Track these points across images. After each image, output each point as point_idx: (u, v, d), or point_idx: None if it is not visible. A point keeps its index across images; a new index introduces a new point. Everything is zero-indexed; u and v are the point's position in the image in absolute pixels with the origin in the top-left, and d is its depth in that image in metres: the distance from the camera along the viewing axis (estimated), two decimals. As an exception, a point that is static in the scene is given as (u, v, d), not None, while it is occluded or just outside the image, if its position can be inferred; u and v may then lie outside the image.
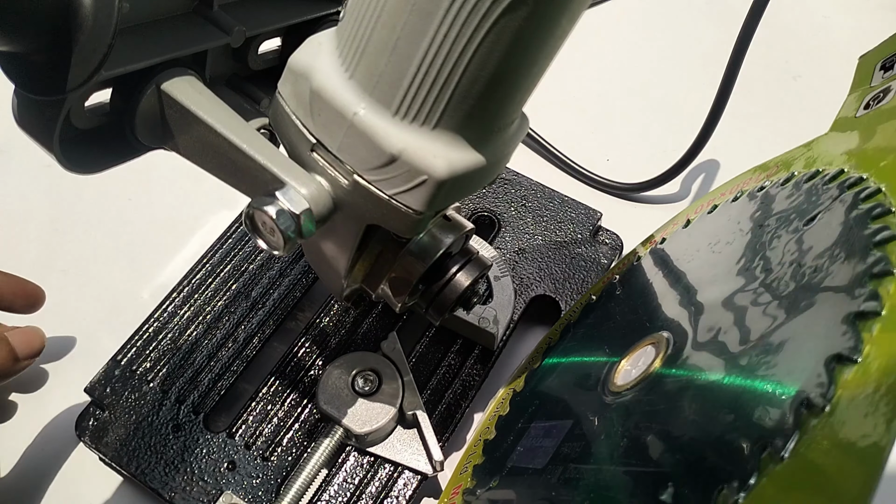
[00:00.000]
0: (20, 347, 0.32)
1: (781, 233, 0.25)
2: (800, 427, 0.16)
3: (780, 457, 0.16)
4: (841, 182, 0.25)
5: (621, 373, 0.27)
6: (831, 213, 0.23)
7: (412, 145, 0.21)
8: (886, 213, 0.21)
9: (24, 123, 0.23)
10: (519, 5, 0.19)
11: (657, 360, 0.25)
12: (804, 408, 0.17)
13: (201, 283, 0.41)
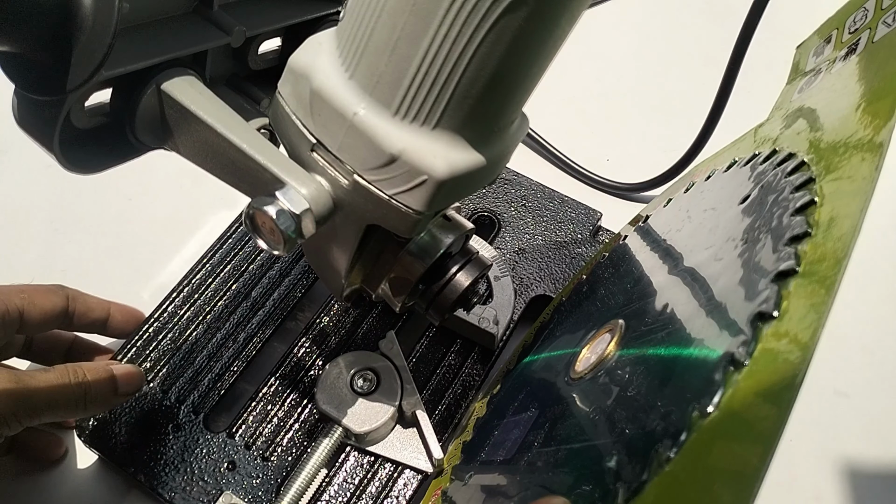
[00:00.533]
0: (122, 382, 0.32)
1: (721, 215, 0.27)
2: (725, 383, 0.17)
3: (706, 412, 0.17)
4: (772, 161, 0.26)
5: (582, 360, 0.28)
6: (761, 189, 0.25)
7: (412, 145, 0.21)
8: (809, 182, 0.22)
9: (24, 123, 0.23)
10: (519, 6, 0.19)
11: (612, 343, 0.26)
12: (730, 365, 0.18)
13: (201, 283, 0.41)
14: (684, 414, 0.18)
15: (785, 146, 0.26)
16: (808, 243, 0.19)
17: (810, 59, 0.33)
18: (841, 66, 0.28)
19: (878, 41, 0.26)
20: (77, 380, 0.30)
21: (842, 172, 0.21)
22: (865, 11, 0.29)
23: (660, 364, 0.22)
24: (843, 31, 0.30)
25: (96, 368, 0.31)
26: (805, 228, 0.20)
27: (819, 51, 0.32)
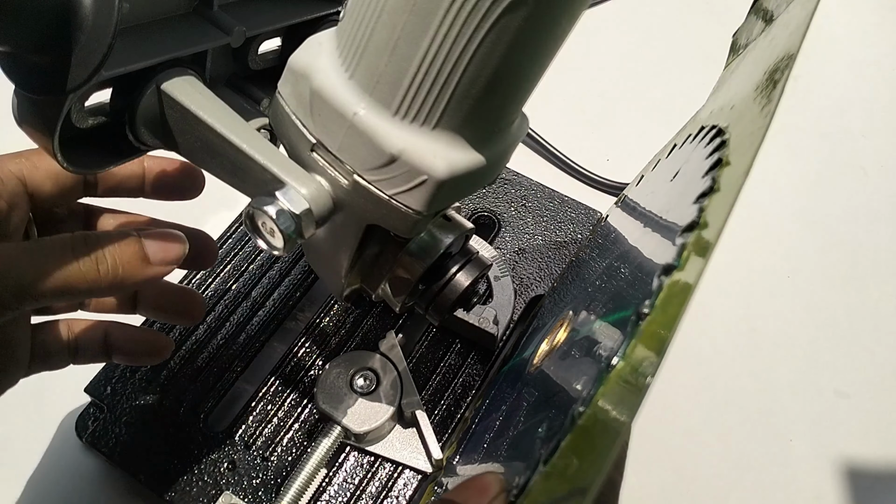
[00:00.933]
0: (153, 250, 0.25)
1: (656, 193, 0.28)
2: (630, 335, 0.18)
3: (613, 365, 0.18)
4: (700, 136, 0.27)
5: (539, 355, 0.29)
6: (688, 164, 0.26)
7: (412, 145, 0.21)
8: (722, 146, 0.23)
9: (23, 123, 0.23)
10: (519, 5, 0.19)
11: (561, 331, 0.28)
12: (638, 319, 0.18)
13: (201, 283, 0.41)
14: (598, 373, 0.19)
15: (710, 123, 0.27)
16: (711, 197, 0.20)
17: (742, 42, 0.34)
18: (761, 38, 0.29)
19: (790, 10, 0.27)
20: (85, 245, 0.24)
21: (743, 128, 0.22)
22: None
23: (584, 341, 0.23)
24: (770, 11, 0.31)
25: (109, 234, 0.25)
26: (711, 184, 0.21)
27: (748, 33, 0.33)
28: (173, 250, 0.26)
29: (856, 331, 0.44)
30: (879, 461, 0.39)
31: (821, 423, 0.40)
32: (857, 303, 0.46)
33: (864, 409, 0.41)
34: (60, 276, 0.23)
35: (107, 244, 0.24)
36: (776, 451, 0.39)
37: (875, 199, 0.52)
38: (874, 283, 0.47)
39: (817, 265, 0.47)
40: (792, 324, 0.44)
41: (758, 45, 0.29)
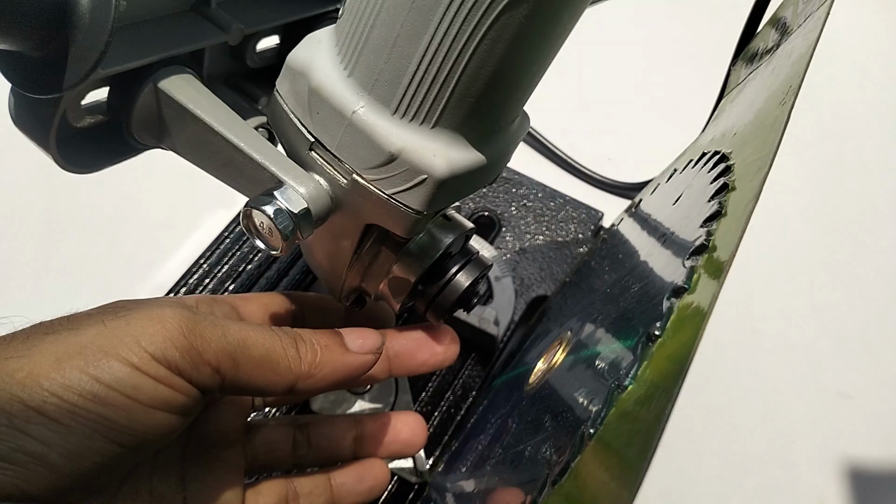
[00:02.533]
0: (351, 338, 0.25)
1: (658, 216, 0.29)
2: (641, 358, 0.18)
3: (625, 386, 0.18)
4: (702, 163, 0.27)
5: (536, 373, 0.29)
6: (690, 189, 0.26)
7: (412, 144, 0.21)
8: (726, 171, 0.23)
9: (20, 122, 0.23)
10: (519, 3, 0.19)
11: (559, 352, 0.28)
12: (648, 341, 0.18)
13: (198, 283, 0.40)
14: (608, 393, 0.18)
15: (712, 148, 0.28)
16: (719, 221, 0.20)
17: (742, 71, 0.35)
18: (759, 65, 0.30)
19: (791, 41, 0.27)
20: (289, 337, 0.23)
21: (751, 156, 0.22)
22: (784, 19, 0.31)
23: (595, 359, 0.23)
24: (768, 42, 0.32)
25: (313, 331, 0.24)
26: (717, 208, 0.21)
27: (748, 65, 0.34)
28: (371, 338, 0.26)
29: (858, 332, 0.44)
30: (882, 462, 0.39)
31: (823, 423, 0.40)
32: (860, 304, 0.45)
33: (867, 410, 0.41)
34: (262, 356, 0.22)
35: (307, 333, 0.24)
36: (779, 451, 0.39)
37: (879, 198, 0.52)
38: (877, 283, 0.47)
39: (820, 265, 0.47)
40: (794, 324, 0.44)
41: (759, 73, 0.29)
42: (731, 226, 0.19)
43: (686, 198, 0.26)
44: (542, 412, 0.24)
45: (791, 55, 0.25)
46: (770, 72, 0.27)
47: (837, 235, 0.49)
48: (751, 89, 0.29)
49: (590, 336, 0.25)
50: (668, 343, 0.17)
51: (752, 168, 0.21)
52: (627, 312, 0.23)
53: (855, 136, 0.55)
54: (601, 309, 0.27)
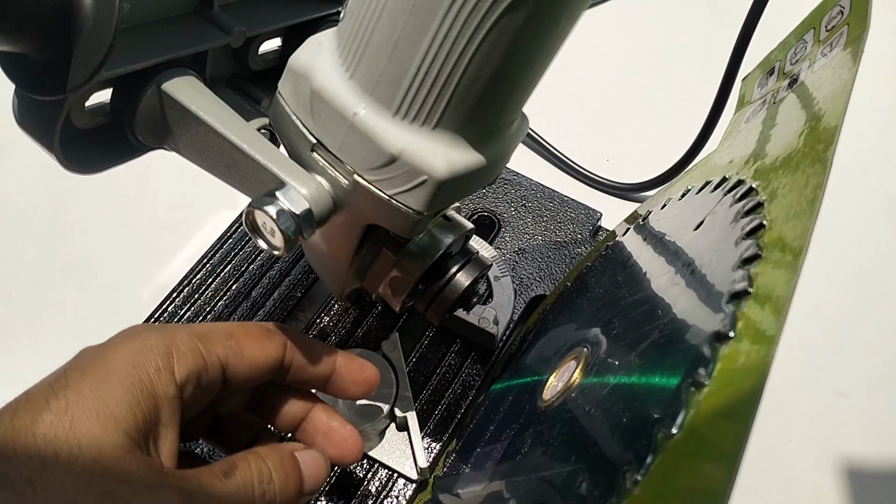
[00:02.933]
0: (308, 476, 0.25)
1: (678, 241, 0.28)
2: (687, 404, 0.18)
3: (671, 433, 0.17)
4: (723, 187, 0.27)
5: (549, 388, 0.28)
6: (714, 216, 0.26)
7: (412, 145, 0.21)
8: (757, 207, 0.23)
9: (24, 123, 0.23)
10: (519, 5, 0.19)
11: (577, 371, 0.27)
12: (692, 386, 0.18)
13: (201, 283, 0.41)
14: (650, 438, 0.18)
15: (733, 173, 0.27)
16: (760, 265, 0.20)
17: (755, 90, 0.34)
18: (784, 94, 0.29)
19: (816, 70, 0.27)
20: (262, 491, 0.23)
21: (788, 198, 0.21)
22: (805, 43, 0.30)
23: (622, 391, 0.22)
24: (784, 63, 0.31)
25: (282, 466, 0.24)
26: (756, 251, 0.20)
27: (763, 83, 0.33)
28: (322, 475, 0.26)
29: (855, 330, 0.44)
30: (879, 461, 0.39)
31: (820, 422, 0.40)
32: (857, 302, 0.46)
33: (864, 409, 0.41)
34: None
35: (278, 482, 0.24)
36: (776, 450, 0.39)
37: (875, 198, 0.52)
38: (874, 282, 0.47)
39: (817, 264, 0.47)
40: (791, 323, 0.44)
41: (786, 104, 0.28)
42: (779, 280, 0.18)
43: (710, 226, 0.25)
44: (569, 439, 0.23)
45: (820, 88, 0.25)
46: (795, 103, 0.27)
47: (835, 234, 0.49)
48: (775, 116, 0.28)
49: (611, 360, 0.25)
50: (717, 394, 0.17)
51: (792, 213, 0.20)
52: (657, 346, 0.22)
53: (854, 137, 0.55)
54: (619, 331, 0.26)
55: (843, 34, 0.26)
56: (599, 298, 0.31)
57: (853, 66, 0.23)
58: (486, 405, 0.35)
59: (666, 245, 0.29)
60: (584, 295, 0.34)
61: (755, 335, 0.17)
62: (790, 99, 0.28)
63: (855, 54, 0.24)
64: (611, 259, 0.34)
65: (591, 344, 0.28)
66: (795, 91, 0.28)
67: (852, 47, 0.24)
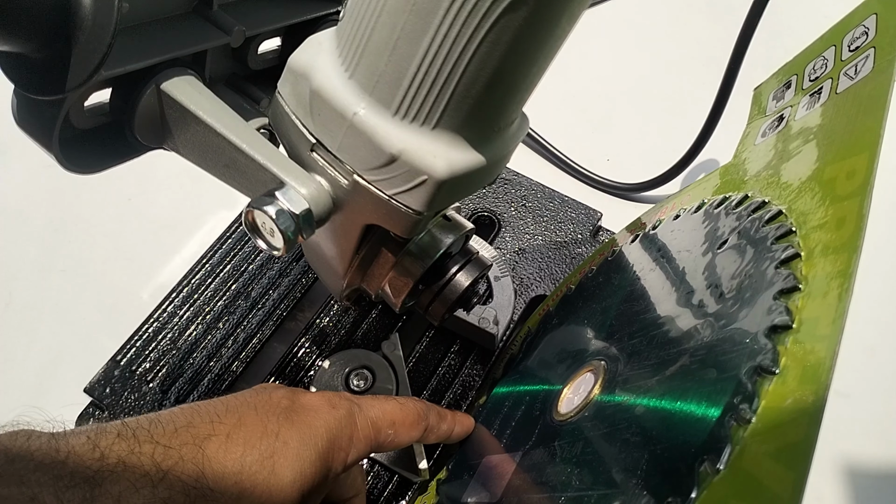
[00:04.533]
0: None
1: (697, 258, 0.27)
2: (731, 439, 0.17)
3: (716, 469, 0.17)
4: (746, 206, 0.26)
5: (564, 401, 0.28)
6: (739, 236, 0.25)
7: (412, 145, 0.21)
8: (789, 233, 0.22)
9: (23, 123, 0.23)
10: (519, 5, 0.19)
11: (596, 386, 0.26)
12: (733, 420, 0.18)
13: (201, 283, 0.41)
14: (692, 470, 0.17)
15: (756, 192, 0.27)
16: (800, 298, 0.19)
17: (770, 102, 0.33)
18: (805, 113, 0.28)
19: (841, 93, 0.26)
20: None
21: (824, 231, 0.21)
22: (825, 60, 0.29)
23: (654, 415, 0.22)
24: (803, 78, 0.30)
25: None
26: (794, 283, 0.20)
27: (779, 95, 0.32)
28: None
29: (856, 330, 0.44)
30: (879, 461, 0.39)
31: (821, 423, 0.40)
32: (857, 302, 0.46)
33: (864, 409, 0.41)
34: None
35: None
36: None
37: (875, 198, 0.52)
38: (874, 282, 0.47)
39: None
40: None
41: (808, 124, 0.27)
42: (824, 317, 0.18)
43: (737, 247, 0.24)
44: (597, 459, 0.23)
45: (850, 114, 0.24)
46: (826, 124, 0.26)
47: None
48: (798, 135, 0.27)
49: (636, 379, 0.24)
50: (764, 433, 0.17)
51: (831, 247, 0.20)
52: (689, 372, 0.21)
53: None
54: (641, 349, 0.25)
55: (870, 57, 0.25)
56: (610, 309, 0.31)
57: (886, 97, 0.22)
58: (489, 408, 0.35)
59: (684, 261, 0.28)
60: (590, 302, 0.33)
61: (803, 375, 0.17)
62: (812, 119, 0.27)
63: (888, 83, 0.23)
64: (617, 267, 0.33)
65: (607, 358, 0.27)
66: (818, 112, 0.27)
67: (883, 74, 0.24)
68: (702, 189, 0.33)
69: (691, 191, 0.34)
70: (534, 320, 0.39)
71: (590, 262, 0.38)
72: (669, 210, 0.34)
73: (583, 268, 0.38)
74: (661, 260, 0.30)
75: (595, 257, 0.38)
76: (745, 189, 0.28)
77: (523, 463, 0.27)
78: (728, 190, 0.29)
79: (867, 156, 0.21)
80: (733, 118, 0.43)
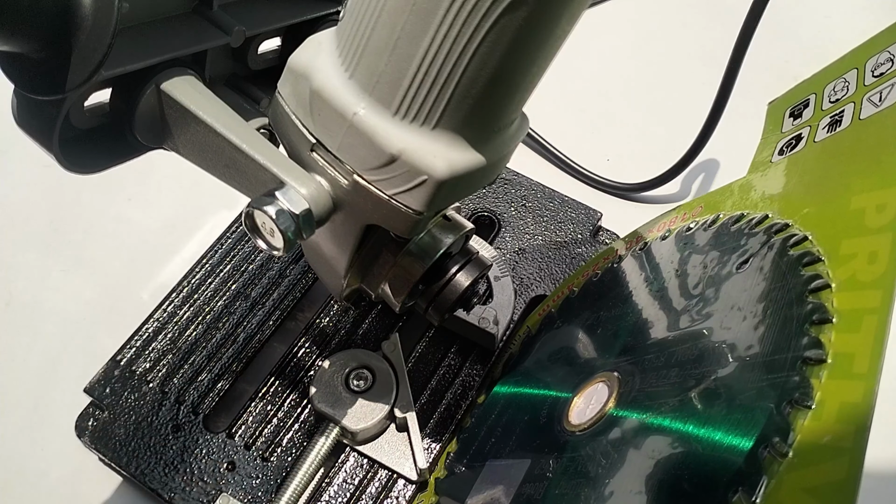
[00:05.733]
0: None
1: (715, 275, 0.26)
2: (765, 471, 0.17)
3: (752, 501, 0.17)
4: (767, 227, 0.26)
5: (575, 411, 0.27)
6: (762, 259, 0.24)
7: (412, 145, 0.21)
8: (816, 261, 0.22)
9: (23, 123, 0.23)
10: (519, 5, 0.19)
11: (610, 399, 0.26)
12: (767, 451, 0.17)
13: (201, 283, 0.41)
14: (725, 500, 0.17)
15: (775, 213, 0.26)
16: (833, 332, 0.19)
17: (786, 119, 0.32)
18: (826, 136, 0.28)
19: (865, 119, 0.26)
20: None
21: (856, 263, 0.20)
22: (846, 83, 0.29)
23: (679, 440, 0.21)
24: (822, 98, 0.30)
25: None
26: (826, 315, 0.20)
27: (796, 112, 0.32)
28: None
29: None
30: (879, 461, 0.39)
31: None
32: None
33: (865, 410, 0.41)
34: None
35: None
36: None
37: None
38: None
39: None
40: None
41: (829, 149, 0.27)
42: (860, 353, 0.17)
43: (758, 270, 0.24)
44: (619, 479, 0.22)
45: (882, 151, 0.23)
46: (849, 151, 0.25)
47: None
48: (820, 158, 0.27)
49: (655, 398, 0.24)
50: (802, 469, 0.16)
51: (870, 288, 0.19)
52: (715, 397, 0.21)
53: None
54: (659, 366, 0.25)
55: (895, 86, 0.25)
56: (621, 319, 0.30)
57: None
58: (488, 407, 0.35)
59: (701, 276, 0.27)
60: (597, 309, 0.33)
61: (840, 413, 0.17)
62: (835, 145, 0.27)
63: None
64: (626, 275, 0.33)
65: (621, 371, 0.27)
66: (841, 137, 0.26)
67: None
68: (715, 203, 0.32)
69: (703, 202, 0.34)
70: (533, 320, 0.39)
71: (593, 264, 0.38)
72: (679, 220, 0.33)
73: (585, 270, 0.38)
74: (673, 273, 0.29)
75: (598, 261, 0.38)
76: (764, 209, 0.27)
77: (533, 471, 0.27)
78: (745, 207, 0.29)
79: None
80: (733, 118, 0.43)
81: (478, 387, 0.37)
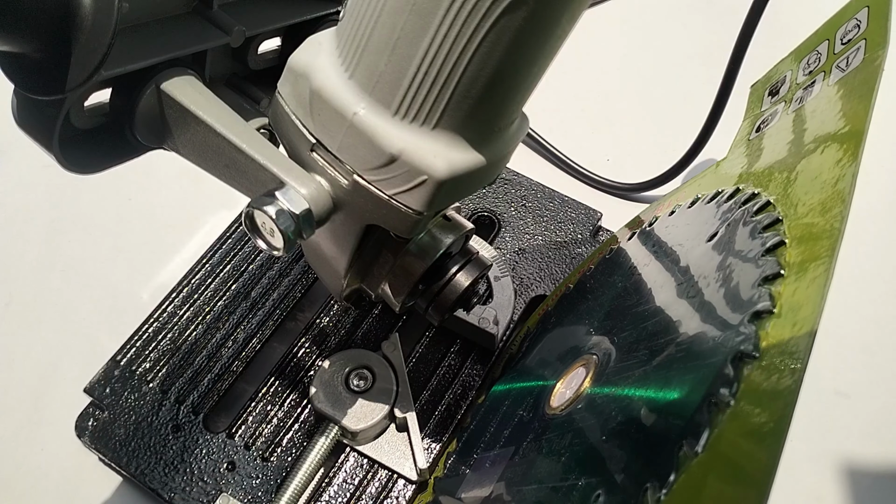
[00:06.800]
0: None
1: (689, 251, 0.27)
2: (710, 423, 0.17)
3: (694, 452, 0.17)
4: (737, 199, 0.26)
5: (557, 395, 0.28)
6: (729, 228, 0.25)
7: (412, 145, 0.21)
8: (776, 222, 0.23)
9: (23, 123, 0.23)
10: (519, 5, 0.19)
11: (586, 380, 0.26)
12: (714, 406, 0.18)
13: (201, 283, 0.41)
14: (672, 455, 0.18)
15: (748, 185, 0.27)
16: (782, 284, 0.19)
17: (766, 98, 0.33)
18: (798, 107, 0.28)
19: (833, 84, 0.26)
20: None
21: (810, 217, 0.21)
22: (818, 54, 0.29)
23: (639, 404, 0.22)
24: (797, 73, 0.31)
25: None
26: (777, 269, 0.20)
27: (775, 90, 0.32)
28: None
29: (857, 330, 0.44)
30: (879, 461, 0.39)
31: (821, 422, 0.40)
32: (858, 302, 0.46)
33: (864, 409, 0.41)
34: None
35: None
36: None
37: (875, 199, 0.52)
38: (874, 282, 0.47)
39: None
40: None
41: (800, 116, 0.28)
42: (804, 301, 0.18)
43: (726, 239, 0.25)
44: (582, 450, 0.23)
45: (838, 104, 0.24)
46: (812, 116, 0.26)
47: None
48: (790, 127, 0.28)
49: (623, 371, 0.24)
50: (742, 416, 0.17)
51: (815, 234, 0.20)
52: (674, 361, 0.22)
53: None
54: (631, 341, 0.26)
55: (860, 49, 0.25)
56: (605, 305, 0.31)
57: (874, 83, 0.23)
58: (487, 406, 0.35)
59: (677, 254, 0.28)
60: (587, 299, 0.33)
61: (781, 357, 0.17)
62: (806, 110, 0.27)
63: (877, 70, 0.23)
64: (615, 264, 0.34)
65: (599, 351, 0.27)
66: (811, 103, 0.27)
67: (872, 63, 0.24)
68: (697, 185, 0.33)
69: (687, 187, 0.34)
70: (533, 320, 0.39)
71: (589, 260, 0.39)
72: (666, 207, 0.34)
73: (582, 267, 0.38)
74: (655, 255, 0.30)
75: (594, 256, 0.38)
76: (737, 183, 0.28)
77: (515, 458, 0.27)
78: (721, 184, 0.30)
79: (854, 142, 0.21)
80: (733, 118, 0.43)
81: (478, 387, 0.37)
